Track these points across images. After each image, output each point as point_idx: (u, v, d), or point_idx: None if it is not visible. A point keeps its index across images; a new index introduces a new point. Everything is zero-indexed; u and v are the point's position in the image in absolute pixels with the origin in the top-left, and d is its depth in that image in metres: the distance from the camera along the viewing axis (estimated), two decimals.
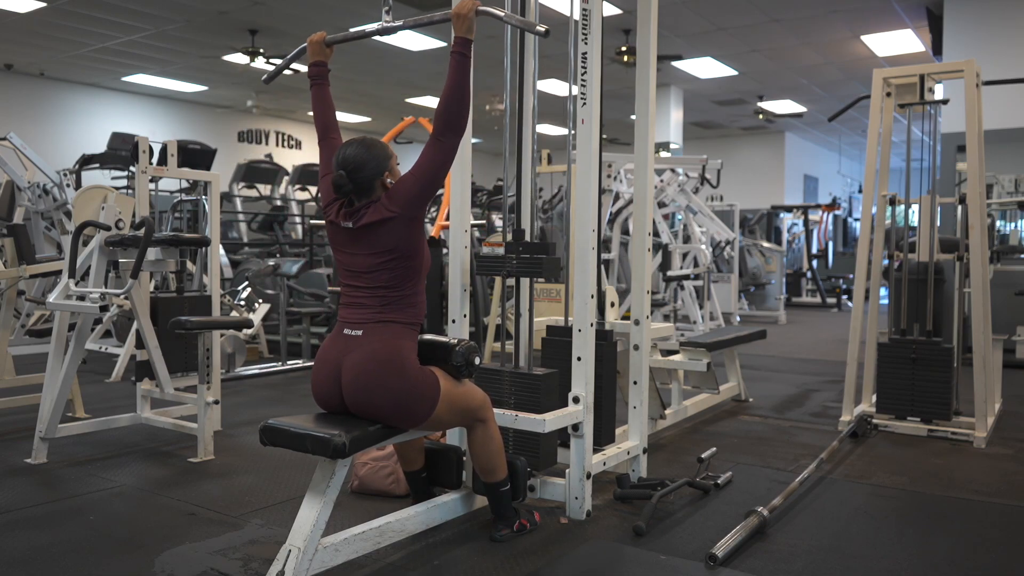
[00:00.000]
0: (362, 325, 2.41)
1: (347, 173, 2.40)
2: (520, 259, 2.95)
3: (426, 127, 6.46)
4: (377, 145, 2.47)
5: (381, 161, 2.44)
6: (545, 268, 2.91)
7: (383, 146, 2.48)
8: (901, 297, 4.37)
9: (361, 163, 2.41)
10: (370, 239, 2.42)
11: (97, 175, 9.33)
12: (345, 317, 2.47)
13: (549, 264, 2.91)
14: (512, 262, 2.97)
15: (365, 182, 2.42)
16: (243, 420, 4.44)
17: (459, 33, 2.48)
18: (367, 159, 2.42)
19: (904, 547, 2.67)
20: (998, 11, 8.27)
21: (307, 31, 10.66)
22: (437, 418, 2.46)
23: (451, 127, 2.44)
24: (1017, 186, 8.26)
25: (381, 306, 2.42)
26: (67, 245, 4.02)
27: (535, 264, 2.92)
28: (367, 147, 2.44)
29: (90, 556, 2.52)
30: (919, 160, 4.72)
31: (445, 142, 2.44)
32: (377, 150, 2.45)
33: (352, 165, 2.41)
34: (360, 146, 2.45)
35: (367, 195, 2.43)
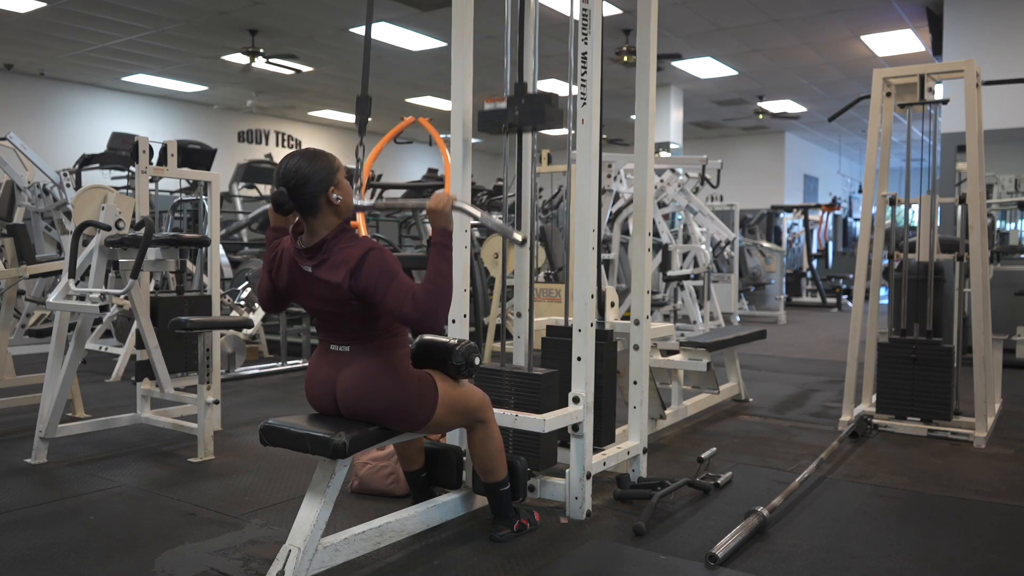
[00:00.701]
0: (348, 342, 2.37)
1: (288, 190, 2.23)
2: (522, 109, 2.93)
3: (426, 127, 6.47)
4: (321, 157, 2.28)
5: (327, 175, 2.25)
6: (548, 116, 2.88)
7: (329, 158, 2.30)
8: (901, 297, 4.37)
9: (304, 178, 2.22)
10: (330, 292, 2.27)
11: (97, 175, 9.33)
12: (326, 337, 2.41)
13: (552, 112, 2.89)
14: (515, 113, 2.94)
15: (309, 199, 2.24)
16: (243, 420, 4.44)
17: (437, 226, 2.36)
18: (310, 173, 2.23)
19: (904, 547, 2.67)
20: (998, 11, 8.27)
21: (307, 31, 10.66)
22: (437, 421, 2.46)
23: (431, 312, 2.23)
24: (1017, 186, 8.26)
25: (359, 330, 2.35)
26: (67, 245, 4.02)
27: (538, 112, 2.89)
28: (310, 159, 2.26)
29: (90, 556, 2.52)
30: (919, 160, 4.72)
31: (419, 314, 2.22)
32: (321, 162, 2.26)
33: (294, 180, 2.22)
34: (302, 158, 2.26)
35: (311, 213, 2.26)
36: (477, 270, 5.81)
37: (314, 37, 10.11)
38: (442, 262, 2.31)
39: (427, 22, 9.40)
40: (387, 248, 2.35)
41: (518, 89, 3.02)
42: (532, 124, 2.97)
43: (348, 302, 2.27)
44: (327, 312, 2.35)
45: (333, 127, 16.70)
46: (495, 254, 5.61)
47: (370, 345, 2.36)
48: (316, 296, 2.32)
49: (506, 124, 2.96)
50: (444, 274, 2.29)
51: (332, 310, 2.33)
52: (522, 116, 2.93)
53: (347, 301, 2.27)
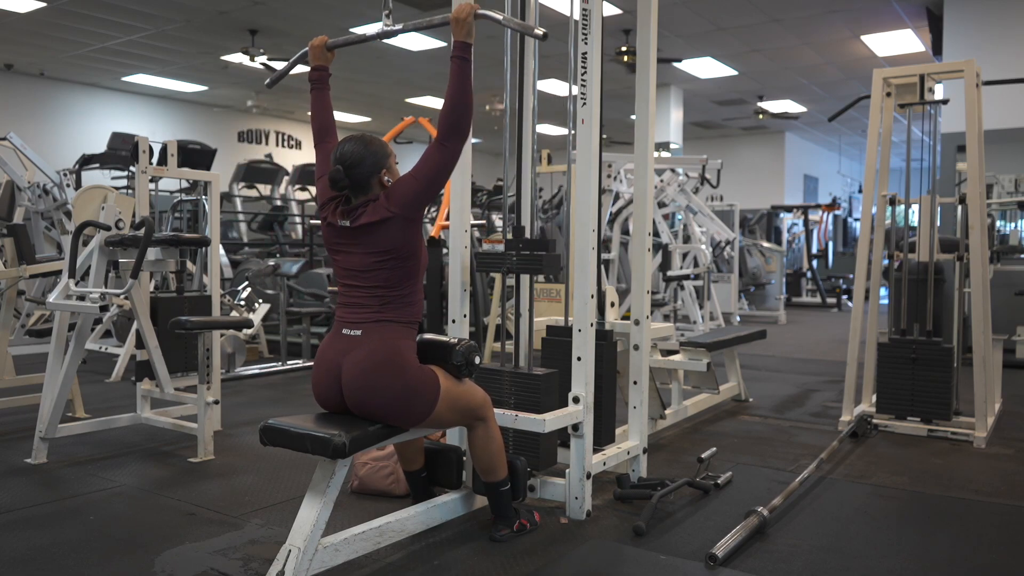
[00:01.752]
0: (360, 325, 2.41)
1: (344, 168, 2.39)
2: (520, 256, 2.95)
3: (426, 127, 6.47)
4: (376, 142, 2.46)
5: (379, 158, 2.43)
6: (545, 265, 2.90)
7: (382, 144, 2.47)
8: (901, 297, 4.37)
9: (359, 159, 2.40)
10: (367, 239, 2.41)
11: (97, 175, 9.34)
12: (343, 317, 2.47)
13: (549, 261, 2.91)
14: (512, 259, 2.97)
15: (362, 178, 2.41)
16: (243, 420, 4.44)
17: (458, 37, 2.47)
18: (365, 155, 2.41)
19: (904, 547, 2.67)
20: (998, 11, 8.27)
21: (307, 31, 10.68)
22: (437, 417, 2.46)
23: (455, 131, 2.43)
24: (1017, 186, 8.26)
25: (379, 306, 2.41)
26: (67, 245, 4.02)
27: (535, 261, 2.92)
28: (365, 144, 2.43)
29: (90, 556, 2.52)
30: (919, 160, 4.72)
31: (449, 146, 2.43)
32: (375, 147, 2.44)
33: (350, 161, 2.40)
34: (359, 142, 2.43)
35: (364, 192, 2.42)
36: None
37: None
38: (462, 75, 2.44)
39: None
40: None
41: (516, 232, 3.03)
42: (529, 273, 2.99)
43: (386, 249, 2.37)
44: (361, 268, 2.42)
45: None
46: None
47: (383, 328, 2.39)
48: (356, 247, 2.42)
49: (504, 269, 3.00)
50: (463, 86, 2.43)
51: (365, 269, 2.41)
52: (519, 263, 2.96)
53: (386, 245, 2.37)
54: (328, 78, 2.73)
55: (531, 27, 2.56)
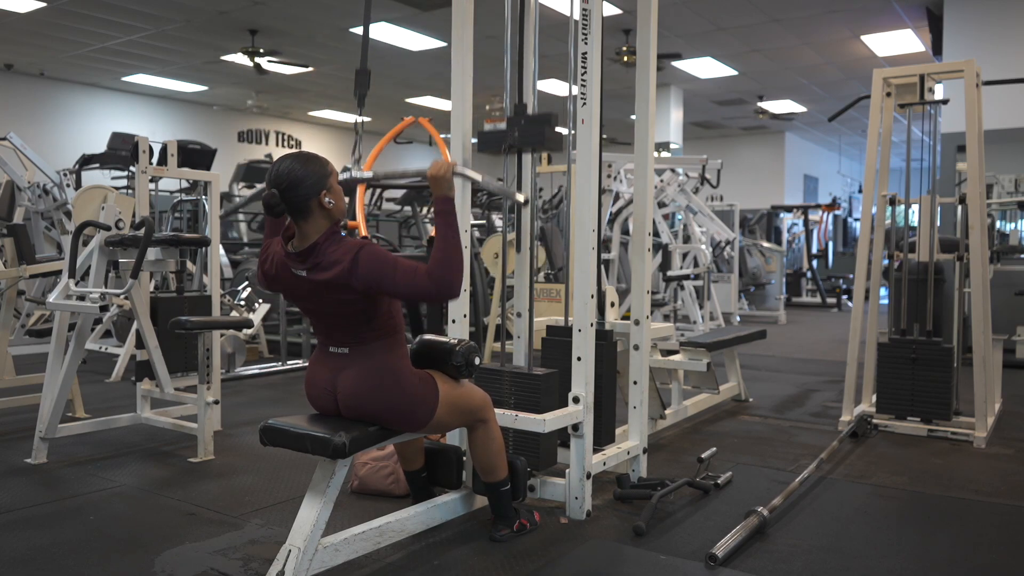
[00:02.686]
0: (345, 344, 2.36)
1: (280, 192, 2.21)
2: (522, 129, 2.93)
3: (426, 127, 6.47)
4: (315, 160, 2.27)
5: (319, 179, 2.23)
6: (547, 138, 2.88)
7: (322, 162, 2.28)
8: (901, 297, 4.37)
9: (296, 180, 2.21)
10: (326, 294, 2.26)
11: (97, 175, 9.32)
12: (324, 341, 2.41)
13: (551, 135, 2.88)
14: (514, 134, 2.94)
15: (300, 202, 2.22)
16: (243, 420, 4.44)
17: (438, 194, 2.39)
18: (303, 176, 2.21)
19: (904, 547, 2.67)
20: (998, 11, 8.27)
21: (307, 31, 10.66)
22: (438, 421, 2.46)
23: (446, 285, 2.28)
24: (1017, 186, 8.26)
25: (357, 332, 2.34)
26: (67, 245, 4.02)
27: (537, 134, 2.89)
28: (303, 162, 2.24)
29: (90, 556, 2.52)
30: (919, 160, 4.72)
31: (435, 290, 2.27)
32: (314, 166, 2.25)
33: (286, 183, 2.20)
34: (295, 161, 2.24)
35: (303, 216, 2.24)
36: (477, 270, 5.81)
37: (314, 37, 10.11)
38: (448, 229, 2.33)
39: (427, 22, 9.40)
40: (377, 244, 2.34)
41: (518, 110, 3.02)
42: (531, 146, 2.98)
43: (349, 301, 2.27)
44: (325, 314, 2.34)
45: (333, 127, 16.70)
46: (495, 254, 5.61)
47: (369, 347, 2.35)
48: (313, 299, 2.32)
49: (505, 145, 2.97)
50: (452, 241, 2.32)
51: (331, 311, 2.32)
52: (521, 137, 2.94)
53: (348, 299, 2.26)
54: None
55: (512, 192, 2.54)
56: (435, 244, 2.33)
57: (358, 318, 2.32)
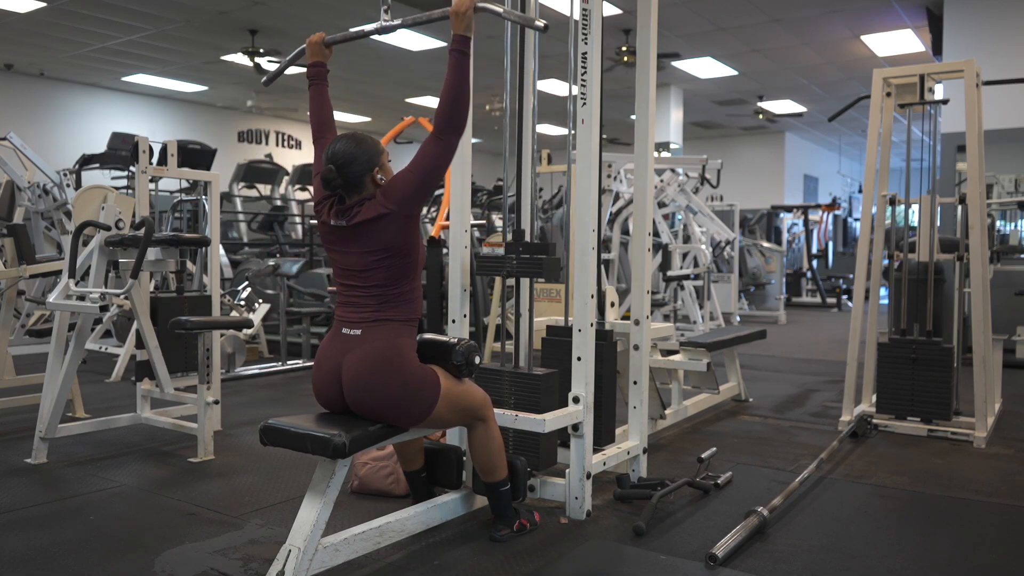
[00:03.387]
0: (360, 324, 2.40)
1: (336, 168, 2.37)
2: (520, 259, 2.95)
3: (426, 127, 6.46)
4: (368, 140, 2.44)
5: (372, 156, 2.41)
6: (545, 268, 2.91)
7: (374, 141, 2.45)
8: (901, 297, 4.37)
9: (351, 158, 2.38)
10: (364, 237, 2.39)
11: (97, 175, 9.33)
12: (342, 316, 2.46)
13: (549, 264, 2.91)
14: (512, 262, 2.97)
15: (355, 177, 2.39)
16: (243, 420, 4.44)
17: (458, 31, 2.47)
18: (357, 154, 2.39)
19: (904, 547, 2.67)
20: (998, 11, 8.27)
21: (307, 31, 10.65)
22: (437, 416, 2.46)
23: (452, 125, 2.43)
24: (1017, 186, 8.26)
25: (378, 304, 2.40)
26: (67, 245, 4.02)
27: (535, 264, 2.92)
28: (357, 142, 2.42)
29: (90, 556, 2.52)
30: (919, 160, 4.72)
31: (444, 140, 2.42)
32: (368, 145, 2.42)
33: (342, 160, 2.38)
34: (350, 141, 2.41)
35: (357, 191, 2.41)
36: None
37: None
38: (460, 69, 2.43)
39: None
40: None
41: (516, 236, 3.02)
42: (529, 277, 2.99)
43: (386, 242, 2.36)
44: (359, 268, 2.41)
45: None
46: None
47: (382, 327, 2.38)
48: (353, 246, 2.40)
49: (504, 273, 2.99)
50: (461, 79, 2.42)
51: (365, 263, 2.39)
52: (519, 266, 2.96)
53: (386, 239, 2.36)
54: (326, 74, 2.73)
55: (532, 19, 2.55)
56: (445, 81, 2.42)
57: (386, 277, 2.39)
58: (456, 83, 2.42)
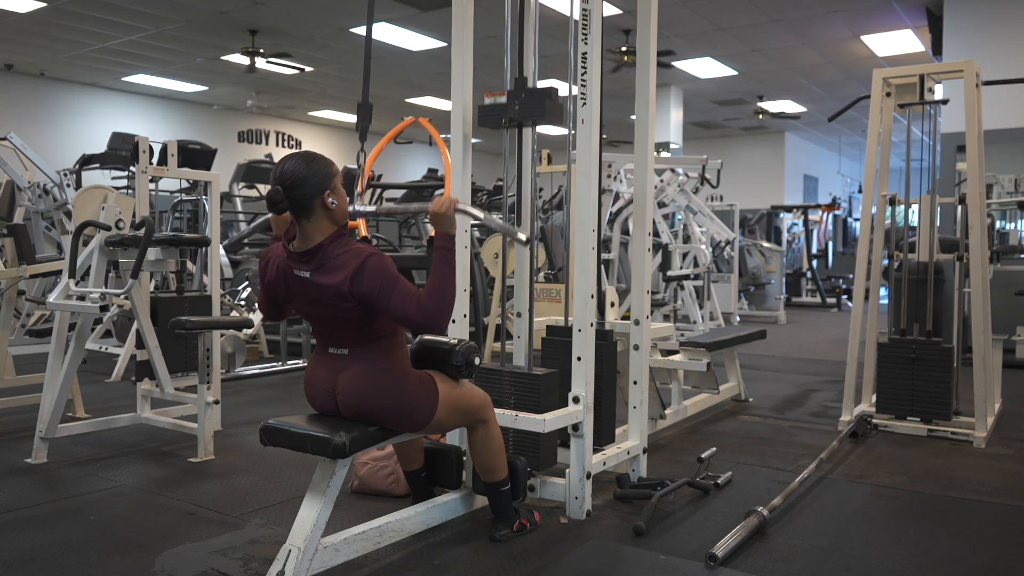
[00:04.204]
0: (346, 346, 2.36)
1: (284, 189, 2.23)
2: (522, 102, 2.91)
3: (426, 127, 6.48)
4: (319, 160, 2.30)
5: (323, 179, 2.26)
6: (548, 110, 2.87)
7: (327, 162, 2.31)
8: (901, 297, 4.37)
9: (300, 179, 2.23)
10: (329, 297, 2.26)
11: (97, 175, 9.33)
12: (323, 342, 2.41)
13: (552, 107, 2.87)
14: (515, 107, 2.93)
15: (303, 200, 2.24)
16: (243, 420, 4.44)
17: (440, 229, 2.38)
18: (307, 175, 2.24)
19: (904, 547, 2.67)
20: (998, 11, 8.27)
21: (307, 31, 10.64)
22: (438, 421, 2.46)
23: (438, 312, 2.27)
24: (1017, 186, 8.27)
25: (358, 334, 2.34)
26: (67, 245, 4.03)
27: (538, 106, 2.88)
28: (308, 162, 2.27)
29: (90, 556, 2.52)
30: (919, 160, 4.72)
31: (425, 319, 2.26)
32: (318, 166, 2.28)
33: (290, 180, 2.23)
34: (300, 160, 2.27)
35: (305, 215, 2.26)
36: (477, 270, 5.81)
37: (314, 37, 10.11)
38: (445, 266, 2.34)
39: (427, 22, 9.40)
40: (385, 255, 2.33)
41: (518, 83, 3.01)
42: (532, 118, 2.95)
43: (348, 308, 2.27)
44: (325, 317, 2.34)
45: (333, 127, 16.70)
46: (495, 254, 5.61)
47: (368, 348, 2.35)
48: (314, 301, 2.31)
49: (506, 119, 2.95)
50: (447, 278, 2.31)
51: (330, 315, 2.32)
52: (522, 110, 2.92)
53: (347, 306, 2.27)
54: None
55: (514, 231, 2.55)
56: (430, 279, 2.31)
57: (359, 322, 2.32)
58: (443, 281, 2.30)
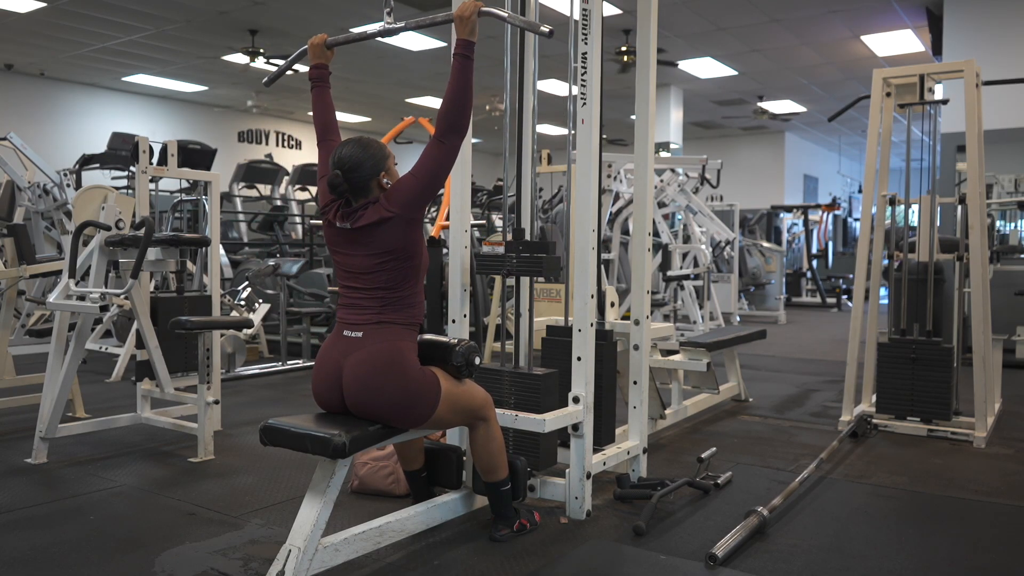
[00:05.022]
0: (361, 327, 2.41)
1: (343, 173, 2.38)
2: (520, 258, 2.95)
3: (426, 127, 6.47)
4: (374, 145, 2.45)
5: (378, 161, 2.41)
6: (545, 267, 2.91)
7: (380, 146, 2.46)
8: (901, 297, 4.37)
9: (357, 163, 2.39)
10: (368, 240, 2.40)
11: (97, 175, 9.33)
12: (344, 318, 2.47)
13: (549, 263, 2.91)
14: (512, 261, 2.97)
15: (361, 182, 2.39)
16: (243, 420, 4.44)
17: (461, 35, 2.47)
18: (363, 159, 2.39)
19: (904, 547, 2.67)
20: (998, 11, 8.27)
21: (307, 31, 10.65)
22: (438, 418, 2.46)
23: (454, 128, 2.43)
24: (1017, 186, 8.26)
25: (380, 307, 2.41)
26: (67, 245, 4.02)
27: (535, 263, 2.92)
28: (364, 147, 2.42)
29: (90, 556, 2.52)
30: (919, 160, 4.72)
31: (447, 143, 2.43)
32: (374, 150, 2.43)
33: (348, 165, 2.38)
34: (357, 146, 2.42)
35: (363, 195, 2.41)
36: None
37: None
38: (463, 73, 2.44)
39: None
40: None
41: (516, 234, 3.03)
42: (529, 276, 2.99)
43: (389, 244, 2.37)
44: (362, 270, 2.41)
45: None
46: None
47: (383, 330, 2.38)
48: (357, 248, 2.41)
49: (504, 272, 2.99)
50: (464, 84, 2.43)
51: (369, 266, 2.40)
52: (519, 265, 2.96)
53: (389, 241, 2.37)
54: (328, 76, 2.73)
55: (536, 24, 2.54)
56: (449, 85, 2.43)
57: (389, 279, 2.39)
58: (460, 87, 2.43)
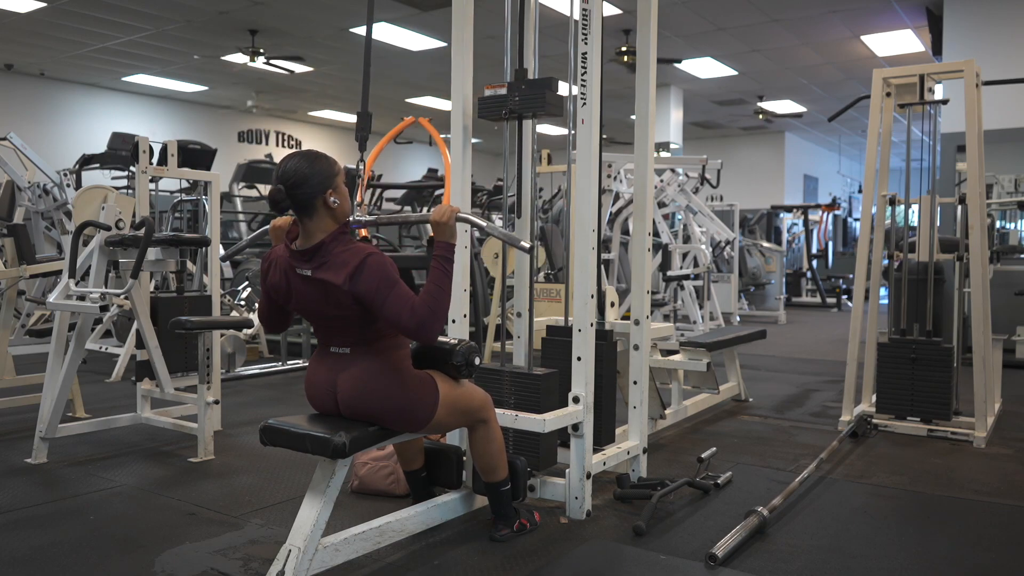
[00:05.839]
0: (347, 345, 2.36)
1: (286, 188, 2.23)
2: (522, 94, 2.90)
3: (426, 127, 6.47)
4: (322, 159, 2.29)
5: (325, 178, 2.26)
6: (548, 102, 2.86)
7: (329, 161, 2.30)
8: (901, 297, 4.37)
9: (303, 178, 2.23)
10: (330, 294, 2.26)
11: (97, 175, 9.33)
12: (325, 341, 2.40)
13: (552, 98, 2.87)
14: (515, 99, 2.91)
15: (305, 199, 2.24)
16: (243, 420, 4.44)
17: (440, 239, 2.39)
18: (309, 174, 2.24)
19: (904, 547, 2.67)
20: (998, 11, 8.27)
21: (307, 31, 10.64)
22: (438, 422, 2.46)
23: (428, 324, 2.25)
24: (1017, 186, 8.26)
25: (359, 333, 2.34)
26: (67, 245, 4.03)
27: (538, 99, 2.87)
28: (310, 161, 2.27)
29: (90, 556, 2.52)
30: (919, 160, 4.72)
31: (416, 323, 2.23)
32: (321, 165, 2.27)
33: (292, 180, 2.23)
34: (303, 159, 2.27)
35: (307, 214, 2.26)
36: (477, 270, 5.81)
37: (314, 37, 10.11)
38: (443, 276, 2.34)
39: (427, 22, 9.40)
40: (386, 255, 2.32)
41: (518, 75, 3.00)
42: (532, 110, 2.93)
43: (348, 306, 2.27)
44: (326, 316, 2.34)
45: (333, 127, 16.70)
46: (495, 254, 5.61)
47: (370, 347, 2.36)
48: (315, 299, 2.31)
49: (506, 110, 2.93)
50: (444, 288, 2.31)
51: (332, 313, 2.32)
52: (522, 101, 2.91)
53: (347, 304, 2.27)
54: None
55: (516, 239, 2.52)
56: (426, 287, 2.30)
57: (359, 321, 2.32)
58: (437, 291, 2.29)
